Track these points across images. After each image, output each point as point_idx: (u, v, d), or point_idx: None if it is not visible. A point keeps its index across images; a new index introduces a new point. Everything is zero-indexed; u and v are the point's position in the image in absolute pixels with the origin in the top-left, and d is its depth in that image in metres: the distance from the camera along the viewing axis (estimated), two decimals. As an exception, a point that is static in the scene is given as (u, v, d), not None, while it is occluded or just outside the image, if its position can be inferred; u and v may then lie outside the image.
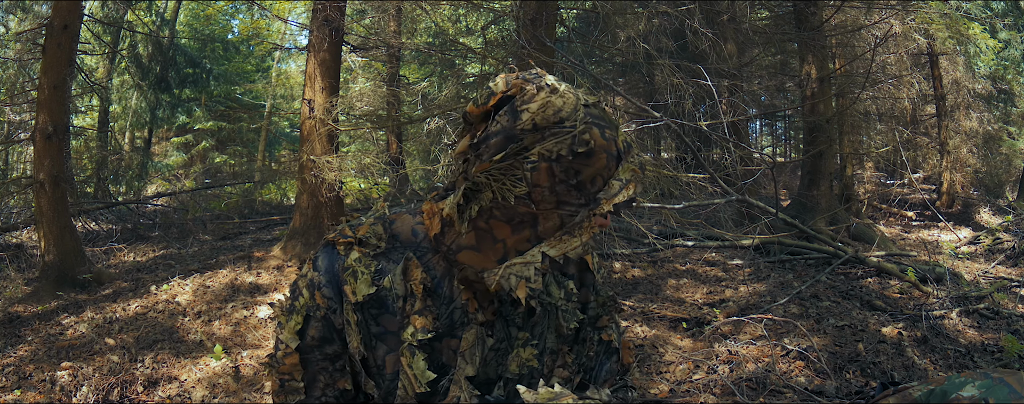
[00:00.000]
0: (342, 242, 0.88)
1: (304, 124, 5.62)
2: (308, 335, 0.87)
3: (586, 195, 0.78)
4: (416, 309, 0.84)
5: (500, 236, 0.80)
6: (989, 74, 10.66)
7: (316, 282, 0.87)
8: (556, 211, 0.78)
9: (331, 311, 0.86)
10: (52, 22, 4.82)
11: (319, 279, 0.87)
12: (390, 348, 0.86)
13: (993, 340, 3.48)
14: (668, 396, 2.93)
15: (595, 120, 0.78)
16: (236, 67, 14.65)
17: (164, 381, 3.33)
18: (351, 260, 0.86)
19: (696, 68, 4.77)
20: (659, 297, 4.62)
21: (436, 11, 7.70)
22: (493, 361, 0.88)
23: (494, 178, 0.77)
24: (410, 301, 0.85)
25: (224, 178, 12.49)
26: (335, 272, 0.86)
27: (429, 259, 0.86)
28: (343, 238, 0.88)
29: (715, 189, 5.06)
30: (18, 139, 7.08)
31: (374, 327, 0.86)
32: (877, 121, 9.13)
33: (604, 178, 0.78)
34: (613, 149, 0.78)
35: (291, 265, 5.40)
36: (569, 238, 0.80)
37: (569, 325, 0.94)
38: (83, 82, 8.32)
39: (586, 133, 0.76)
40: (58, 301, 4.55)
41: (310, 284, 0.87)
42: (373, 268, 0.85)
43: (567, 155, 0.75)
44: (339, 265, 0.86)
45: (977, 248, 6.72)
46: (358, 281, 0.84)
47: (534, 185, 0.76)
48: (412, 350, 0.83)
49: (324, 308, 0.86)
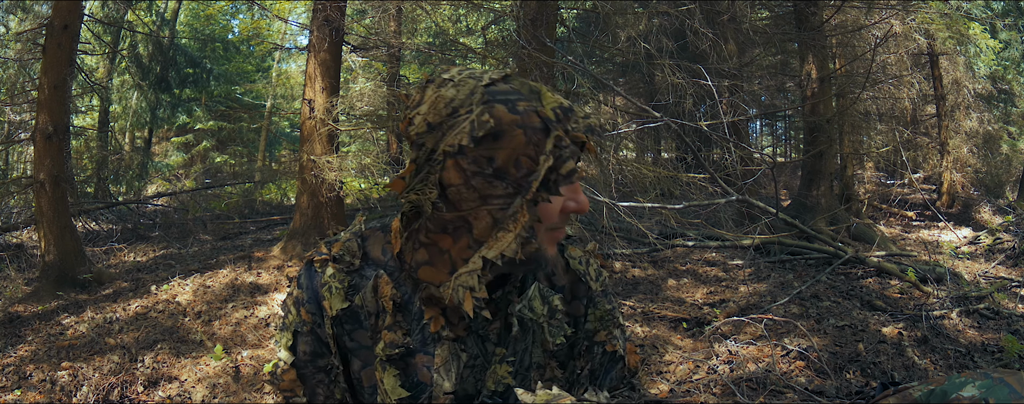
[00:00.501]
0: (317, 260, 0.89)
1: (304, 124, 5.62)
2: (299, 350, 0.89)
3: (512, 182, 0.71)
4: (386, 324, 0.84)
5: (444, 247, 0.78)
6: (989, 74, 10.67)
7: (301, 299, 0.89)
8: (484, 208, 0.72)
9: (317, 326, 0.88)
10: (52, 22, 4.82)
11: (303, 296, 0.89)
12: (365, 362, 0.87)
13: (993, 340, 3.48)
14: (668, 396, 2.93)
15: (498, 96, 0.71)
16: (236, 67, 14.65)
17: (164, 381, 3.33)
18: (327, 276, 0.87)
19: (696, 68, 4.77)
20: (659, 297, 4.62)
21: (436, 11, 7.71)
22: (470, 377, 0.86)
23: (416, 192, 0.75)
24: (382, 317, 0.85)
25: (224, 178, 12.50)
26: (315, 289, 0.88)
27: (398, 276, 0.86)
28: (318, 256, 0.89)
29: (715, 189, 5.06)
30: (18, 139, 7.09)
31: (349, 342, 0.87)
32: (877, 121, 9.13)
33: (531, 156, 0.70)
34: (534, 121, 0.70)
35: (291, 265, 5.40)
36: (503, 234, 0.73)
37: (555, 340, 0.88)
38: (83, 82, 8.32)
39: (486, 113, 0.69)
40: (58, 301, 4.55)
41: (296, 302, 0.89)
42: (347, 284, 0.86)
43: (468, 143, 0.69)
44: (317, 282, 0.88)
45: (977, 248, 6.71)
46: (333, 296, 0.85)
47: (447, 186, 0.72)
48: (383, 365, 0.83)
49: (310, 323, 0.88)
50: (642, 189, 4.86)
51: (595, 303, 0.95)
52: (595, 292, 0.95)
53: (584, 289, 0.94)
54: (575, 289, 0.93)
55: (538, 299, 0.87)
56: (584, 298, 0.94)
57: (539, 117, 0.71)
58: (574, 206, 0.76)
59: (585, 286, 0.94)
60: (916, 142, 9.83)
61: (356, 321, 0.86)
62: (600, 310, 0.95)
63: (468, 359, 0.85)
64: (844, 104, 7.72)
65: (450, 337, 0.84)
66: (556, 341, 0.89)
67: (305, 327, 0.88)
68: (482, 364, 0.86)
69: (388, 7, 7.63)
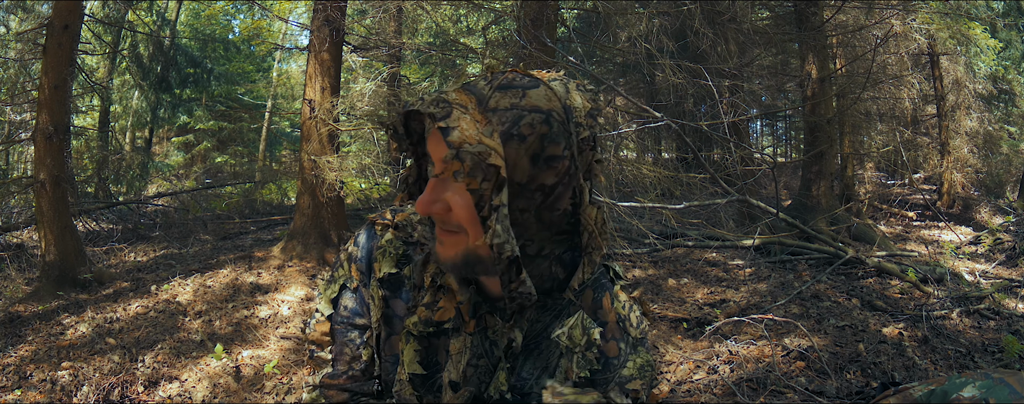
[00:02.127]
0: (380, 224, 0.92)
1: (305, 124, 5.62)
2: (341, 305, 0.92)
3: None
4: (425, 301, 0.85)
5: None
6: (990, 74, 10.66)
7: (355, 256, 0.92)
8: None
9: (363, 285, 0.91)
10: (53, 22, 4.82)
11: (358, 253, 0.92)
12: (393, 331, 0.89)
13: (994, 340, 3.47)
14: (669, 396, 2.93)
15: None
16: (237, 67, 14.65)
17: (165, 381, 3.33)
18: (384, 241, 0.90)
19: (697, 68, 4.77)
20: (660, 297, 4.62)
21: (437, 11, 7.70)
22: (474, 377, 0.85)
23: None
24: (422, 292, 0.86)
25: (225, 178, 12.50)
26: (371, 249, 0.91)
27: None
28: (381, 220, 0.92)
29: (716, 189, 5.06)
30: (19, 139, 7.09)
31: (386, 309, 0.89)
32: (878, 121, 9.13)
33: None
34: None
35: (291, 265, 5.40)
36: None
37: (580, 372, 0.86)
38: (84, 82, 8.32)
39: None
40: (59, 301, 4.55)
41: (350, 257, 0.92)
42: (401, 252, 0.89)
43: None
44: (375, 244, 0.91)
45: (978, 248, 6.71)
46: (385, 259, 0.88)
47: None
48: (408, 337, 0.85)
49: (358, 281, 0.91)
50: (643, 189, 4.86)
51: (637, 350, 0.91)
52: (633, 338, 0.91)
53: (622, 333, 0.91)
54: (614, 331, 0.90)
55: (579, 329, 0.86)
56: (621, 341, 0.91)
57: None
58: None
59: (623, 330, 0.91)
60: (916, 142, 9.83)
61: (398, 289, 0.88)
62: (642, 358, 0.91)
63: (472, 357, 0.85)
64: (845, 104, 7.72)
65: (468, 330, 0.85)
66: (581, 373, 0.86)
67: (353, 283, 0.91)
68: (487, 366, 0.85)
69: (388, 7, 7.62)
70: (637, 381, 0.90)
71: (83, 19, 5.60)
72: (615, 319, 0.90)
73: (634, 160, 7.71)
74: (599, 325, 0.88)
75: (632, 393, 0.89)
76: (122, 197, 9.72)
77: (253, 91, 15.21)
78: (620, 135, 5.68)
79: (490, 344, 0.86)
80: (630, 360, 0.90)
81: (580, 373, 0.86)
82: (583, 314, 0.87)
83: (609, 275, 0.93)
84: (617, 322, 0.90)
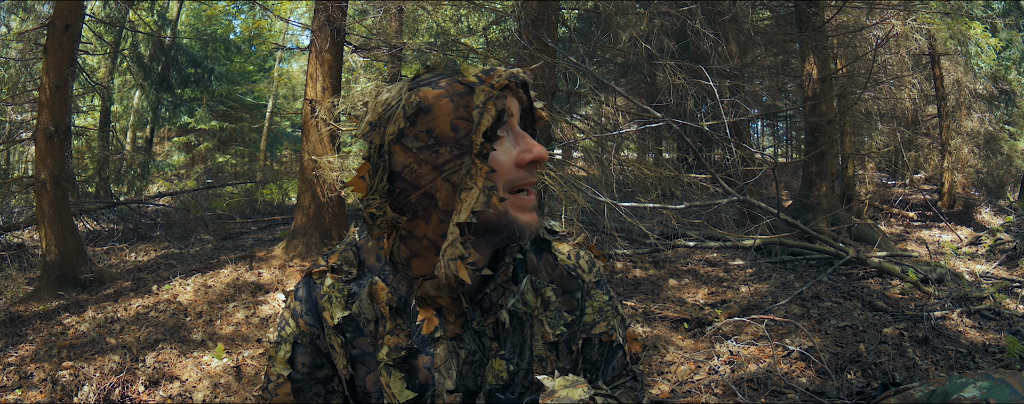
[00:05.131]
0: (316, 272, 0.91)
1: (306, 124, 5.62)
2: (298, 362, 0.90)
3: (457, 144, 0.76)
4: (388, 329, 0.85)
5: (421, 233, 0.80)
6: (990, 74, 10.65)
7: (298, 311, 0.90)
8: (440, 178, 0.76)
9: (315, 337, 0.89)
10: (54, 22, 4.82)
11: (301, 307, 0.90)
12: (369, 368, 0.88)
13: (994, 341, 3.47)
14: (669, 396, 2.93)
15: (421, 82, 0.79)
16: (238, 67, 14.65)
17: (165, 381, 3.33)
18: (326, 287, 0.89)
19: (697, 68, 4.77)
20: (661, 297, 4.63)
21: (438, 11, 7.70)
22: (470, 373, 0.86)
23: (371, 207, 0.79)
24: (381, 323, 0.86)
25: (226, 178, 12.49)
26: (314, 300, 0.89)
27: (393, 280, 0.87)
28: (316, 268, 0.91)
29: (716, 189, 5.05)
30: (20, 139, 7.09)
31: (353, 350, 0.88)
32: (878, 121, 9.12)
33: (464, 117, 0.75)
34: (457, 88, 0.77)
35: (292, 265, 5.40)
36: (466, 194, 0.75)
37: (555, 331, 0.88)
38: (85, 82, 8.33)
39: (413, 96, 0.76)
40: (59, 301, 4.55)
41: (293, 314, 0.90)
42: (346, 293, 0.88)
43: (405, 125, 0.76)
44: (317, 293, 0.89)
45: (978, 248, 6.71)
46: (333, 306, 0.87)
47: (402, 168, 0.77)
48: (388, 370, 0.84)
49: (309, 334, 0.89)
50: (643, 189, 4.86)
51: (591, 295, 0.94)
52: (589, 283, 0.94)
53: (576, 282, 0.93)
54: (565, 283, 0.92)
55: (531, 292, 0.88)
56: (577, 291, 0.93)
57: (461, 84, 0.77)
58: (530, 156, 0.78)
59: (577, 279, 0.93)
60: (917, 142, 9.83)
61: (357, 329, 0.87)
62: (598, 301, 0.94)
63: (466, 355, 0.85)
64: (845, 104, 7.72)
65: (448, 336, 0.84)
66: (556, 332, 0.88)
67: (305, 338, 0.89)
68: (480, 360, 0.86)
69: (389, 7, 7.63)
70: (601, 324, 0.93)
71: (84, 19, 5.61)
72: (563, 273, 0.93)
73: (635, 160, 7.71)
74: (547, 284, 0.90)
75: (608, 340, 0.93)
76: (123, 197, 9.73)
77: (254, 91, 15.20)
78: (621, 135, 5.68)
79: (478, 336, 0.86)
80: (587, 306, 0.93)
81: (556, 332, 0.88)
82: (531, 276, 0.89)
83: (545, 234, 0.96)
84: (568, 274, 0.93)
